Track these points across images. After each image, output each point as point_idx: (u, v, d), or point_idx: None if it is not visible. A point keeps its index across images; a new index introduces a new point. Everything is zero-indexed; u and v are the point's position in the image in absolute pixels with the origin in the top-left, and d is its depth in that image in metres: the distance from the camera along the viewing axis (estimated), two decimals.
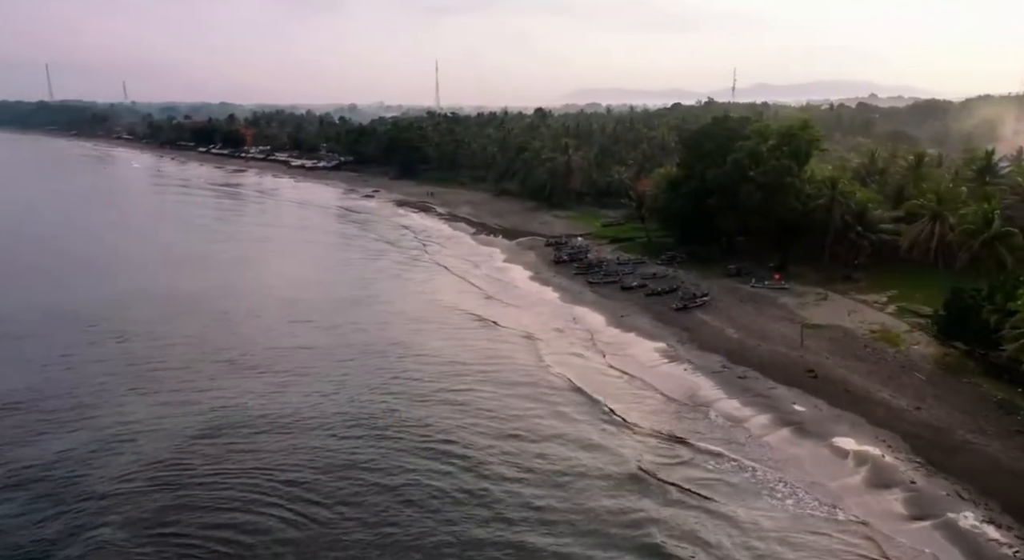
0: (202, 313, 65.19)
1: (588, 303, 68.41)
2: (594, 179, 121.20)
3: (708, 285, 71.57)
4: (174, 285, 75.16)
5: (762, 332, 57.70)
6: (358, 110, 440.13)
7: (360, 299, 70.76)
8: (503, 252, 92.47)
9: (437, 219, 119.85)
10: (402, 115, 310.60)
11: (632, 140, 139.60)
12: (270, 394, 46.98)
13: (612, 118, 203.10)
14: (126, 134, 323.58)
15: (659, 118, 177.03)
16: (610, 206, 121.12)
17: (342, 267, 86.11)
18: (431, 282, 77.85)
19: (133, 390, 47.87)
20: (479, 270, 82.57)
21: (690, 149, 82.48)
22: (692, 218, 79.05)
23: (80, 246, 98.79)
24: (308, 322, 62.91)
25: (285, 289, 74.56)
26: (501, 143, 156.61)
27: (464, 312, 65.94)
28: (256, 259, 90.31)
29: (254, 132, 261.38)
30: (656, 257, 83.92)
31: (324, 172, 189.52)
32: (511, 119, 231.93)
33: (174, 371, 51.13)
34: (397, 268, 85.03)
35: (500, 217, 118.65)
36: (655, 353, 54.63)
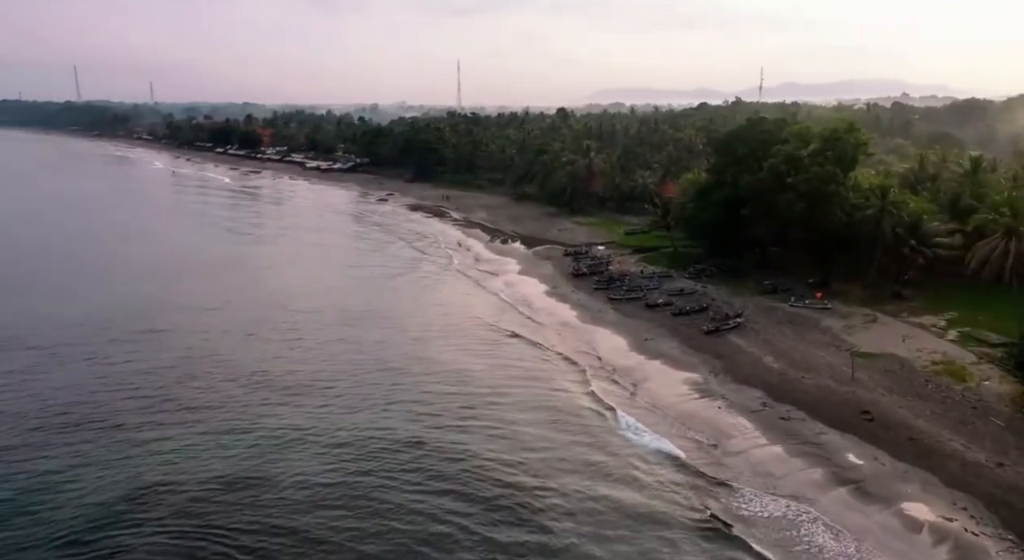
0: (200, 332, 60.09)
1: (609, 323, 62.11)
2: (617, 183, 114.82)
3: (742, 303, 64.94)
4: (177, 298, 70.30)
5: (805, 361, 51.04)
6: (379, 110, 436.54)
7: (359, 316, 65.18)
8: (518, 263, 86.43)
9: (451, 225, 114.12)
10: (423, 115, 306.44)
11: (657, 142, 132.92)
12: (294, 411, 44.13)
13: (636, 119, 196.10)
14: (146, 135, 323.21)
15: (685, 119, 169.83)
16: (633, 212, 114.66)
17: (341, 280, 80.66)
18: (431, 300, 71.60)
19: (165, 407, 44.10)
20: (490, 284, 76.59)
21: (721, 153, 75.80)
22: (723, 228, 72.42)
23: (88, 251, 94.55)
24: (314, 338, 57.95)
25: (294, 301, 69.25)
26: (520, 145, 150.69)
27: (465, 337, 59.90)
28: (263, 276, 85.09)
29: (271, 133, 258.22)
30: (683, 270, 77.39)
31: (339, 174, 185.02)
32: (532, 120, 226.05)
33: (208, 389, 47.72)
34: (394, 282, 79.24)
35: (517, 223, 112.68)
36: (684, 386, 48.23)
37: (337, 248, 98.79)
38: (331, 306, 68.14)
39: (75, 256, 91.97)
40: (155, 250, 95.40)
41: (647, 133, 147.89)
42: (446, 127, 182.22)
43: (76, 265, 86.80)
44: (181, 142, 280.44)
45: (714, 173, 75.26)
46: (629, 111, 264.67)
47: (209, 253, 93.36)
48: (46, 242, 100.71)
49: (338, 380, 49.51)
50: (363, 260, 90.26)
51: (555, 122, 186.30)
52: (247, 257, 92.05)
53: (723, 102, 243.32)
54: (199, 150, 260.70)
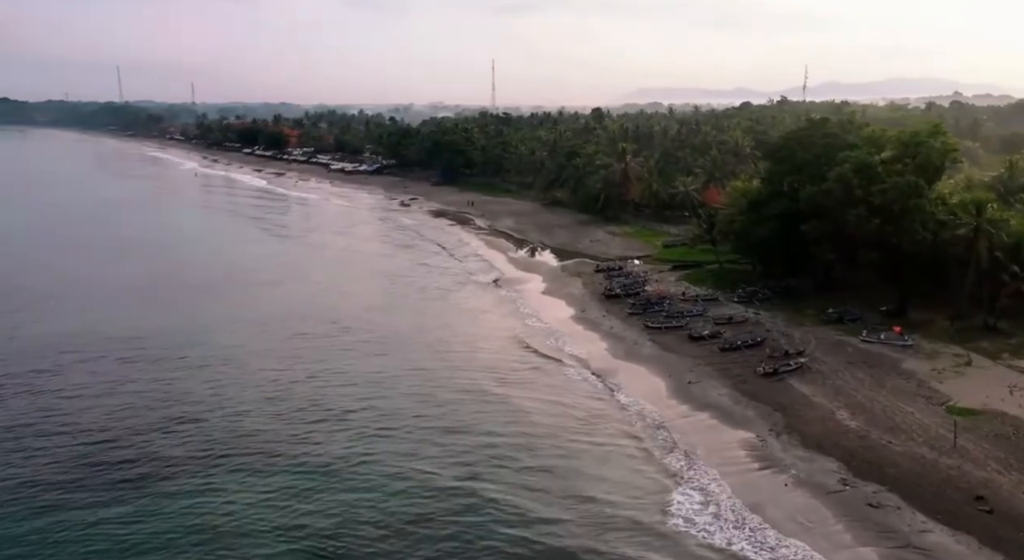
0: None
1: (645, 359, 53.07)
2: (654, 190, 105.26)
3: (802, 336, 55.36)
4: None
5: (890, 418, 41.43)
6: (411, 111, 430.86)
7: (353, 344, 57.22)
8: (544, 279, 77.71)
9: (474, 234, 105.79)
10: (456, 116, 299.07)
11: (699, 145, 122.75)
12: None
13: (675, 119, 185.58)
14: (178, 135, 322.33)
15: (728, 119, 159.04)
16: (672, 221, 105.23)
17: (346, 295, 72.88)
18: (436, 328, 62.63)
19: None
20: (510, 306, 67.98)
21: (777, 160, 66.06)
22: (780, 246, 62.73)
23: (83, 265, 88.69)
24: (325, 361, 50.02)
25: (294, 325, 61.72)
26: (551, 147, 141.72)
27: (473, 376, 51.34)
28: (278, 292, 77.82)
29: (300, 133, 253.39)
30: (731, 291, 67.91)
31: (364, 176, 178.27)
32: (565, 120, 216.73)
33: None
34: (399, 304, 71.11)
35: (546, 233, 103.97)
36: (739, 450, 39.07)
37: (339, 263, 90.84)
38: (341, 331, 60.35)
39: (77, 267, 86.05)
40: (157, 259, 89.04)
41: (687, 135, 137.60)
42: (475, 128, 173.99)
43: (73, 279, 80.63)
44: (211, 142, 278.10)
45: (769, 182, 65.58)
46: (667, 111, 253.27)
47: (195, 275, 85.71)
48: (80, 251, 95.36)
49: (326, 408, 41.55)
50: (367, 278, 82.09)
51: (589, 123, 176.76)
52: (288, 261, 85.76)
53: (768, 101, 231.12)
54: (227, 150, 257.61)
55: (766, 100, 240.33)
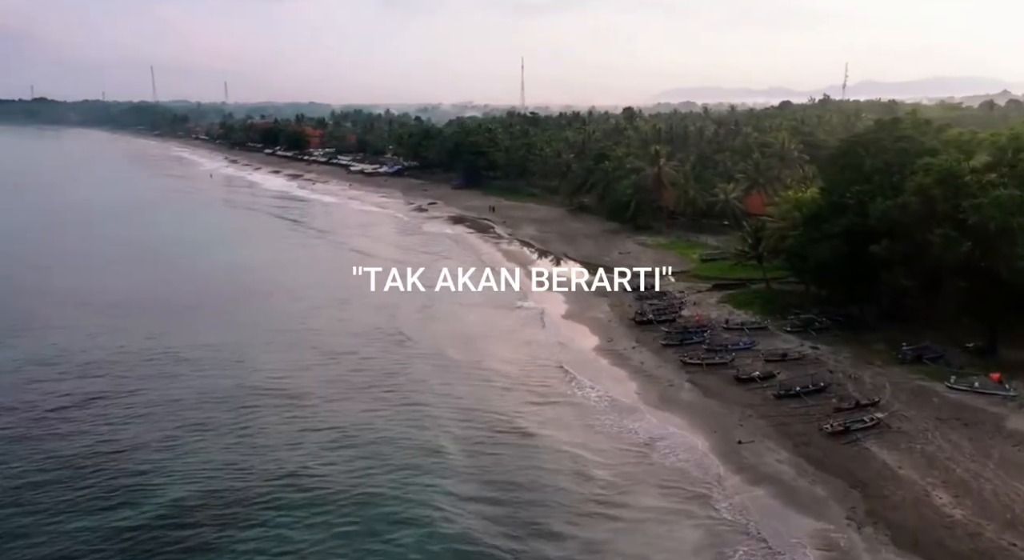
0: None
1: (683, 407, 44.24)
2: (691, 197, 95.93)
3: (874, 379, 46.13)
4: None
5: (1006, 505, 32.17)
6: (437, 110, 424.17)
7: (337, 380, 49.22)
8: (566, 299, 69.08)
9: (492, 244, 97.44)
10: (484, 115, 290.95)
11: (739, 147, 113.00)
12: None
13: (711, 119, 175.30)
14: (203, 135, 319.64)
15: (768, 119, 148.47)
16: (710, 230, 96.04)
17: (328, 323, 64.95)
18: (438, 354, 54.79)
19: None
20: (525, 334, 59.40)
21: (840, 167, 56.46)
22: (843, 269, 53.29)
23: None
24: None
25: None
26: (579, 149, 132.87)
27: (466, 432, 42.93)
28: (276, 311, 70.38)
29: (322, 133, 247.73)
30: (782, 318, 58.71)
31: (384, 178, 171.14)
32: (595, 120, 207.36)
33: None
34: (401, 318, 62.99)
35: (571, 243, 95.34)
36: (811, 548, 30.10)
37: (337, 276, 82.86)
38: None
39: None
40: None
41: (726, 136, 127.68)
42: (499, 128, 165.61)
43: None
44: (233, 142, 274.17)
45: (830, 193, 56.00)
46: (702, 111, 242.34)
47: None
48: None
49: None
50: (367, 295, 73.58)
51: (620, 123, 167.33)
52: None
53: (809, 100, 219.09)
54: (250, 151, 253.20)
55: (804, 99, 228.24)
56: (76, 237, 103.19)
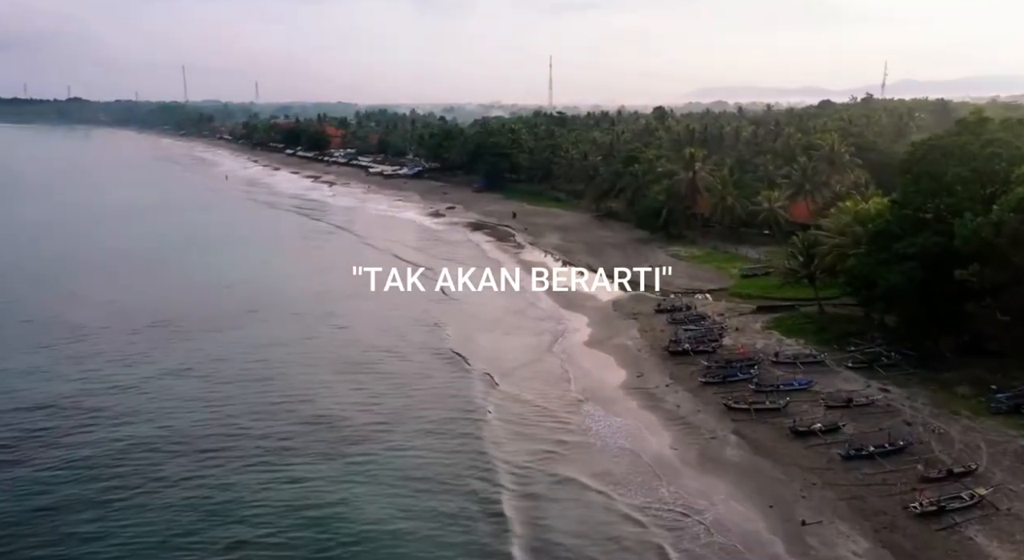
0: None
1: (730, 469, 36.42)
2: (729, 204, 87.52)
3: (964, 435, 37.92)
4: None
5: None
6: (464, 110, 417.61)
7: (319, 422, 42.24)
8: (590, 321, 61.37)
9: (511, 255, 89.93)
10: (510, 115, 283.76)
11: (781, 150, 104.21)
12: None
13: (747, 120, 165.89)
14: (227, 135, 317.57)
15: (810, 119, 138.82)
16: (749, 240, 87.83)
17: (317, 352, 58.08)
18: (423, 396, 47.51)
19: None
20: (543, 365, 51.85)
21: (914, 176, 47.89)
22: (920, 296, 44.92)
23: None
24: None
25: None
26: (607, 150, 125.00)
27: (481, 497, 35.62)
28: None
29: (344, 134, 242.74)
30: (841, 348, 50.53)
31: (403, 181, 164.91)
32: (625, 119, 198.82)
33: None
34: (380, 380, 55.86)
35: (596, 253, 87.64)
36: None
37: (333, 292, 76.36)
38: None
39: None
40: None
41: (765, 138, 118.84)
42: (522, 129, 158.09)
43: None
44: (255, 143, 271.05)
45: (902, 206, 47.53)
46: (736, 110, 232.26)
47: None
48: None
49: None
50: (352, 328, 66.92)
51: (650, 123, 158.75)
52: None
53: (851, 98, 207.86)
54: (272, 151, 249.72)
55: (840, 99, 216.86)
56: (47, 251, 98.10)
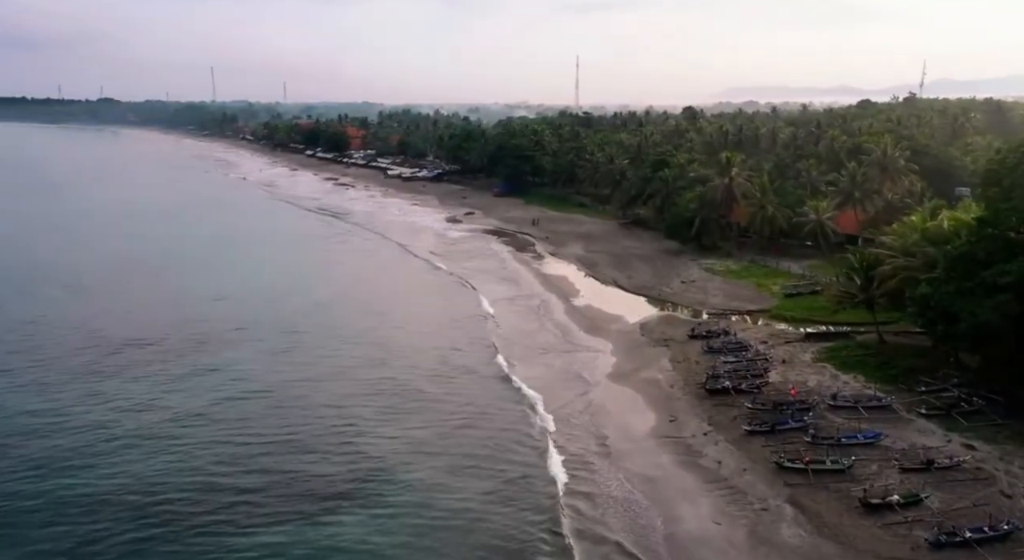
0: None
1: (788, 555, 29.39)
2: (769, 214, 79.93)
3: None
4: None
5: None
6: (489, 110, 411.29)
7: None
8: (615, 348, 54.47)
9: (530, 267, 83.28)
10: (536, 115, 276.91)
11: (825, 154, 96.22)
12: None
13: (783, 120, 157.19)
14: (249, 135, 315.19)
15: (853, 120, 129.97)
16: (790, 253, 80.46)
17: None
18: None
19: None
20: (559, 406, 45.05)
21: (1005, 189, 40.31)
22: (1009, 331, 37.39)
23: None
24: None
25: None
26: (634, 153, 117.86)
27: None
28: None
29: (364, 134, 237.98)
30: (908, 388, 43.20)
31: (422, 184, 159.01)
32: (653, 120, 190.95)
33: None
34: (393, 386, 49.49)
35: (623, 266, 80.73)
36: None
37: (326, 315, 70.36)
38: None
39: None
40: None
41: (806, 140, 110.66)
42: (546, 130, 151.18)
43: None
44: (276, 143, 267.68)
45: (991, 225, 39.95)
46: (769, 111, 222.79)
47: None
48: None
49: None
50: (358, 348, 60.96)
51: (680, 124, 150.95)
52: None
53: (892, 98, 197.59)
54: (292, 152, 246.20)
55: (879, 98, 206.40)
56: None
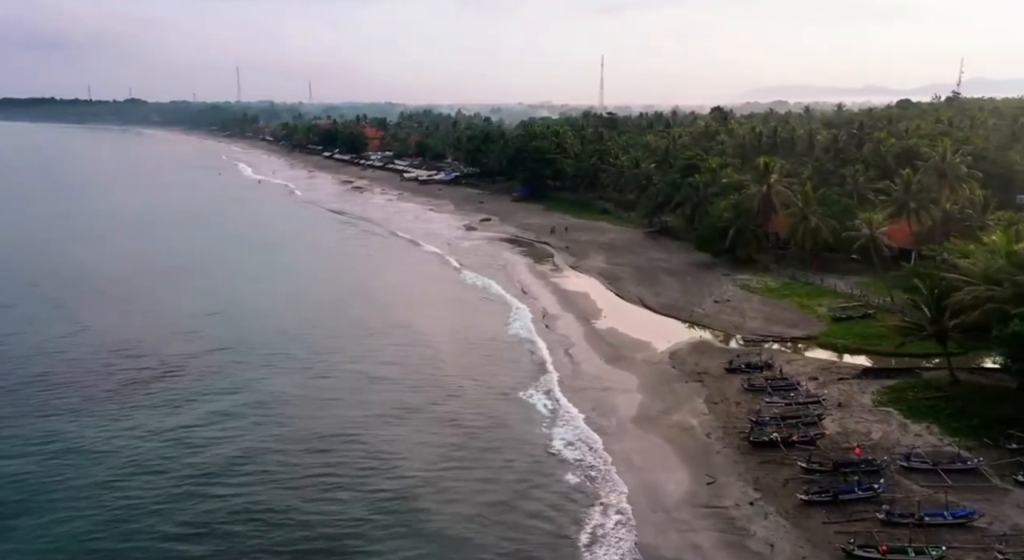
0: None
1: None
2: (812, 226, 72.29)
3: None
4: None
5: None
6: (513, 111, 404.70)
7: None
8: (642, 383, 47.62)
9: (547, 281, 76.60)
10: (559, 116, 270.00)
11: (871, 158, 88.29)
12: None
13: (819, 121, 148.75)
14: (268, 136, 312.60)
15: (899, 121, 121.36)
16: (833, 266, 73.18)
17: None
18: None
19: None
20: (575, 452, 38.31)
21: None
22: None
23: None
24: None
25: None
26: (661, 156, 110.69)
27: None
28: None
29: (382, 135, 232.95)
30: (994, 441, 36.02)
31: (438, 187, 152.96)
32: (680, 121, 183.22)
33: None
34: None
35: (649, 281, 73.85)
36: None
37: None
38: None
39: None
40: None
41: (847, 143, 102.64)
42: (568, 132, 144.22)
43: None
44: (294, 144, 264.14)
45: None
46: (802, 111, 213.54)
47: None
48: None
49: None
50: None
51: (710, 126, 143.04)
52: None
53: (934, 98, 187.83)
54: (310, 153, 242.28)
55: (917, 98, 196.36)
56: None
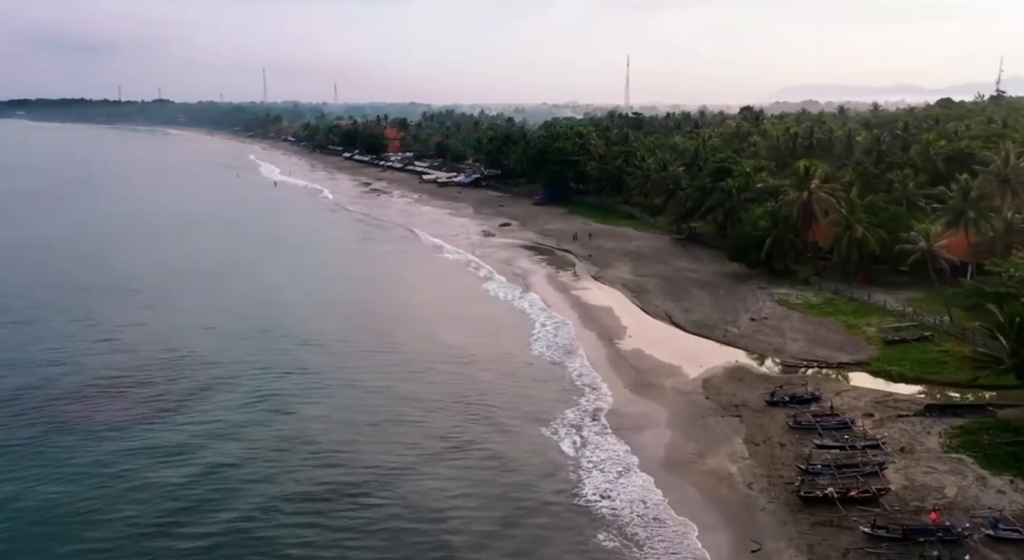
0: None
1: None
2: (858, 236, 66.05)
3: None
4: None
5: None
6: (534, 111, 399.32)
7: None
8: (670, 418, 42.20)
9: (566, 293, 71.26)
10: (584, 116, 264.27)
11: (920, 162, 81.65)
12: None
13: (857, 122, 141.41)
14: (290, 136, 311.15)
15: (952, 120, 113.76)
16: (880, 279, 67.14)
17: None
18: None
19: None
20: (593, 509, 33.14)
21: None
22: None
23: None
24: None
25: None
26: (691, 159, 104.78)
27: None
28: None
29: (403, 136, 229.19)
30: None
31: (457, 190, 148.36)
32: (708, 121, 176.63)
33: None
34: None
35: (679, 294, 68.33)
36: None
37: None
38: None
39: None
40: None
41: (891, 145, 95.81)
42: (592, 132, 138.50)
43: None
44: (315, 145, 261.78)
45: None
46: (837, 111, 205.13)
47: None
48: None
49: None
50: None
51: (741, 126, 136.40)
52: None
53: (977, 96, 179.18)
54: (330, 154, 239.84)
55: (959, 97, 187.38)
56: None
